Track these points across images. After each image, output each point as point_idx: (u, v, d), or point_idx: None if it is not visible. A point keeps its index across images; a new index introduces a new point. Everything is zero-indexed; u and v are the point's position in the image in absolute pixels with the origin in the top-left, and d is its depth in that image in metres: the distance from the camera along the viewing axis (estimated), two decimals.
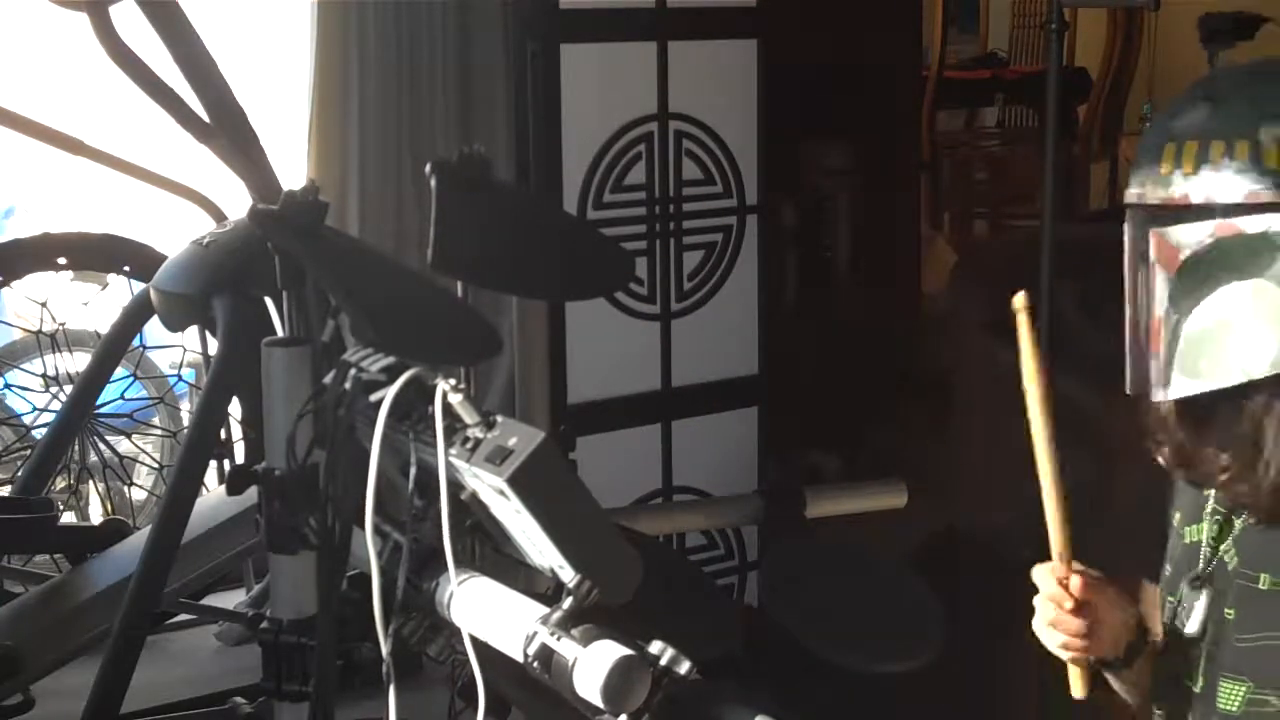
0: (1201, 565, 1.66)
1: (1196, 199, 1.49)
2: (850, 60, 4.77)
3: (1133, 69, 6.72)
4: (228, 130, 3.51)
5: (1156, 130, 1.55)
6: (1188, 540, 1.70)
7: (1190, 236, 1.50)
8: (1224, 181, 1.47)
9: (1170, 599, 1.70)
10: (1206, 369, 1.49)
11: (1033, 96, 7.10)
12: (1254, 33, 1.77)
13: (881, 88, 4.99)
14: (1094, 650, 1.63)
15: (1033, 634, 1.64)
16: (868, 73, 4.85)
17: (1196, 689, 1.64)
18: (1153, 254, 1.53)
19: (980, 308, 4.41)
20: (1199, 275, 1.50)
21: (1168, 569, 1.73)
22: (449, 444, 1.29)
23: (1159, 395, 1.55)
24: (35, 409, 4.13)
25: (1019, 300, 1.56)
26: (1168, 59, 6.98)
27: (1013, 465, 1.71)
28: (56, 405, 3.87)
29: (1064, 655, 1.63)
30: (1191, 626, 1.66)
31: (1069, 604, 1.59)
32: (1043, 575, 1.62)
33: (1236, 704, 1.60)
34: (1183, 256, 1.51)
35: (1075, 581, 1.59)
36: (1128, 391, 1.61)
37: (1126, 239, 1.58)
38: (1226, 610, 1.62)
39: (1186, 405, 1.57)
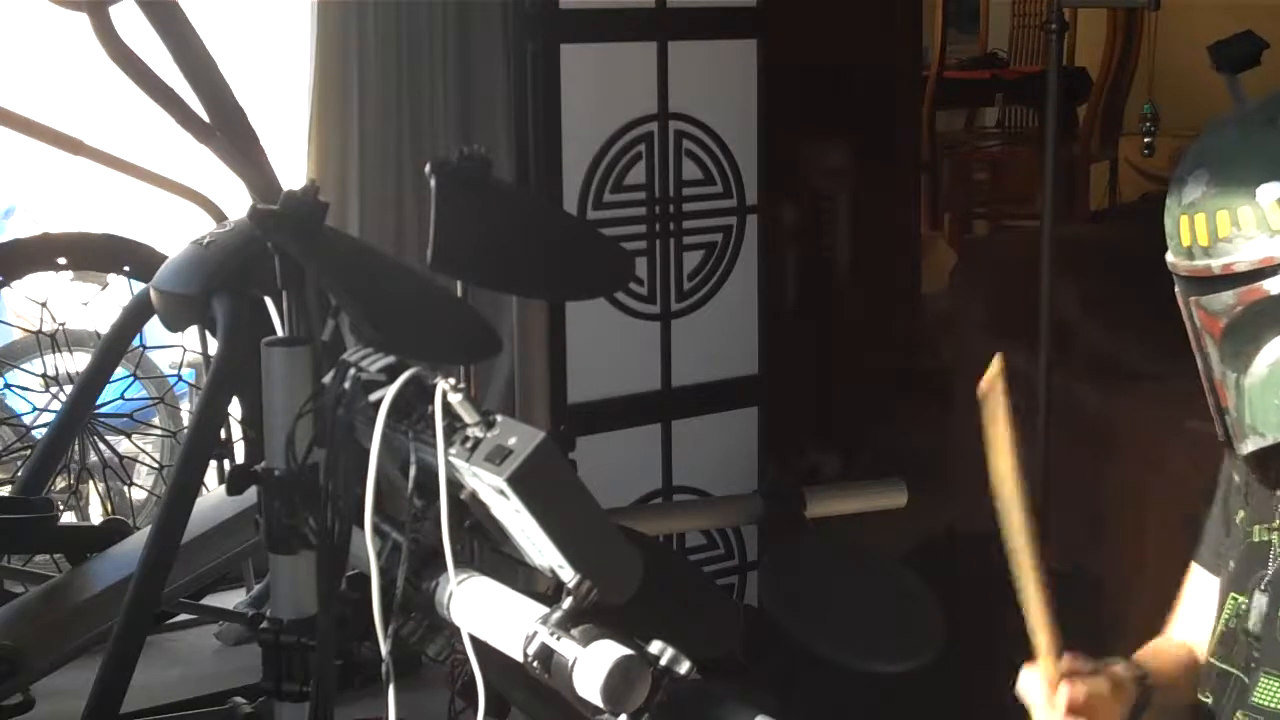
0: (1272, 566, 1.67)
1: (1217, 269, 1.53)
2: (850, 60, 4.77)
3: (1133, 69, 6.71)
4: (228, 130, 3.51)
5: (1170, 201, 1.58)
6: (1255, 539, 1.71)
7: (1221, 304, 1.54)
8: (1237, 250, 1.51)
9: (1238, 597, 1.71)
10: (1276, 421, 1.53)
11: (1033, 96, 7.08)
12: (1259, 58, 1.76)
13: (881, 88, 4.99)
14: None
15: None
16: (868, 73, 4.86)
17: (1248, 681, 1.66)
18: (1198, 322, 1.58)
19: (980, 308, 4.41)
20: (1242, 337, 1.53)
21: (1231, 565, 1.73)
22: (449, 443, 1.29)
23: (1244, 448, 1.59)
24: (35, 409, 4.14)
25: (991, 371, 1.54)
26: (1168, 59, 6.96)
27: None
28: (56, 405, 3.87)
29: None
30: (1256, 625, 1.67)
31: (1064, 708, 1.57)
32: (1032, 685, 1.61)
33: (1273, 700, 1.61)
34: (1222, 323, 1.54)
35: (1064, 693, 1.58)
36: (1221, 440, 1.64)
37: (1180, 301, 1.61)
38: None
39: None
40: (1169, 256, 1.59)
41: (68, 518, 3.82)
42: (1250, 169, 1.50)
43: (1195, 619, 1.80)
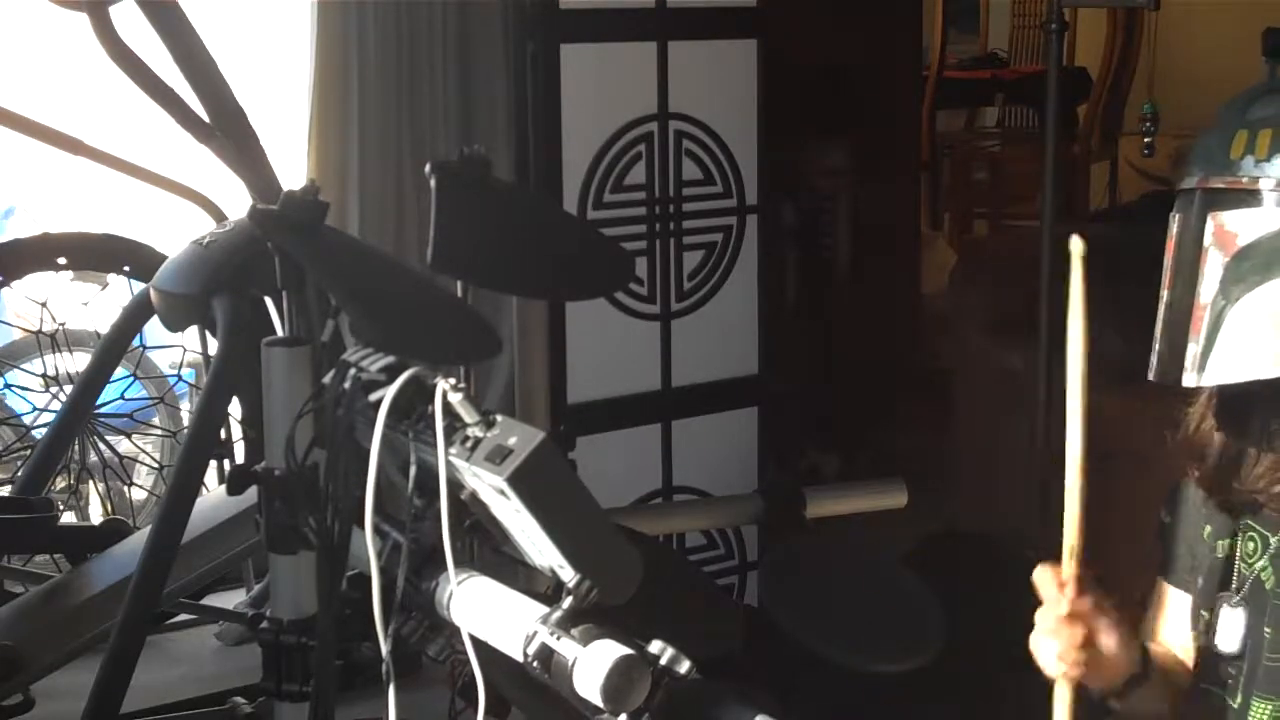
0: (1236, 582, 1.65)
1: (1266, 186, 1.49)
2: (850, 60, 4.78)
3: (1133, 69, 6.71)
4: (228, 130, 3.51)
5: (1227, 118, 1.55)
6: (1220, 554, 1.69)
7: (1253, 222, 1.49)
8: None
9: (1204, 614, 1.69)
10: (1250, 357, 1.45)
11: (1033, 96, 7.09)
12: None
13: (881, 88, 4.99)
14: (1089, 676, 1.53)
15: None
16: (868, 73, 4.86)
17: (1235, 705, 1.64)
18: (1208, 239, 1.51)
19: (980, 308, 4.41)
20: (1256, 262, 1.48)
21: (1200, 582, 1.71)
22: (449, 443, 1.29)
23: (1191, 380, 1.51)
24: (35, 409, 4.13)
25: (1076, 244, 1.48)
26: (1168, 59, 6.97)
27: (1013, 465, 1.70)
28: (56, 405, 3.87)
29: (1057, 670, 1.51)
30: (1230, 644, 1.64)
31: (1066, 611, 1.49)
32: (1046, 580, 1.53)
33: None
34: (1240, 242, 1.49)
35: (1071, 591, 1.49)
36: (1151, 378, 1.56)
37: (1175, 224, 1.56)
38: (1265, 629, 1.61)
39: (1225, 406, 1.56)
40: (1193, 174, 1.55)
41: (68, 518, 3.82)
42: None
43: (1174, 634, 1.77)
